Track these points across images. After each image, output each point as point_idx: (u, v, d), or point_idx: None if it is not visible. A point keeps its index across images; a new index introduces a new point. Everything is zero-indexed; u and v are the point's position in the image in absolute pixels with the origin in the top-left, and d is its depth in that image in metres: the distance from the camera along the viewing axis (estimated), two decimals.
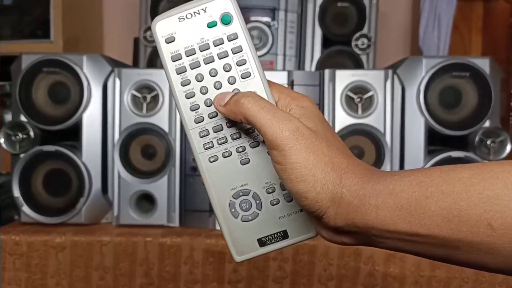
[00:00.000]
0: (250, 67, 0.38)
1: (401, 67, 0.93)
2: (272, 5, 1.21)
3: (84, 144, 0.93)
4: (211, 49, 0.37)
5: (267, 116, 0.34)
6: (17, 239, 0.87)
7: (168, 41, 0.37)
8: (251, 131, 0.38)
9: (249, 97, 0.35)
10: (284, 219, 0.38)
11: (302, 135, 0.34)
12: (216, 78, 0.37)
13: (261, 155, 0.38)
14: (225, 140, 0.38)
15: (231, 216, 0.38)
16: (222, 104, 0.36)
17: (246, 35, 0.38)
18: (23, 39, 1.37)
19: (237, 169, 0.38)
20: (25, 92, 0.92)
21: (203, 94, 0.37)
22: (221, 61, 0.37)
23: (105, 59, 0.95)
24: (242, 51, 0.37)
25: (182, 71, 0.37)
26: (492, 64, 0.91)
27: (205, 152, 0.38)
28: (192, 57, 0.37)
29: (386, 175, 0.33)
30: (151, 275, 0.87)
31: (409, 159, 0.92)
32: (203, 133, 0.38)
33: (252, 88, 0.37)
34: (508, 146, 0.90)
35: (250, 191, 0.38)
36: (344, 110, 0.91)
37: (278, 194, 0.38)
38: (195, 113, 0.38)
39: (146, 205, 0.94)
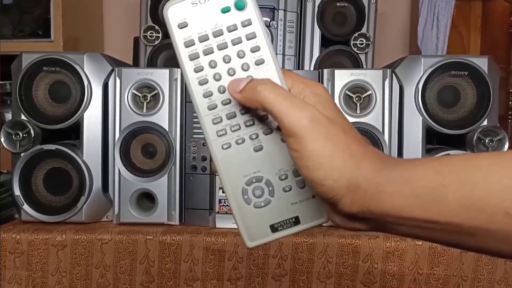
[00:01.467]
0: (264, 53, 0.37)
1: (399, 66, 0.94)
2: (272, 5, 1.21)
3: (84, 143, 0.93)
4: (224, 35, 0.37)
5: (284, 103, 0.34)
6: (17, 238, 0.87)
7: (181, 27, 0.37)
8: (264, 118, 0.37)
9: (266, 84, 0.35)
10: (296, 205, 0.38)
11: (320, 122, 0.34)
12: (230, 64, 0.37)
13: (274, 142, 0.38)
14: (238, 127, 0.37)
15: (244, 202, 0.38)
16: (238, 90, 0.36)
17: (260, 22, 0.37)
18: (23, 38, 1.38)
19: (250, 156, 0.38)
20: (25, 91, 0.92)
21: (217, 81, 0.37)
22: (234, 47, 0.37)
23: (106, 58, 0.95)
24: (256, 37, 0.37)
25: (195, 57, 0.37)
26: (491, 63, 0.91)
27: (218, 139, 0.38)
28: (205, 43, 0.37)
29: (402, 163, 0.34)
30: (151, 273, 0.87)
31: (407, 158, 0.92)
32: (216, 120, 0.37)
33: (266, 75, 0.37)
34: (506, 145, 0.91)
35: (263, 178, 0.38)
36: (343, 109, 0.92)
37: (290, 180, 0.38)
38: (208, 100, 0.37)
39: (146, 204, 0.95)
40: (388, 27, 1.68)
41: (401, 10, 1.78)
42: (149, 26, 1.21)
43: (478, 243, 0.31)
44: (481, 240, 0.30)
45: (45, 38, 1.38)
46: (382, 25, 1.49)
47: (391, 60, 1.03)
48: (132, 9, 1.56)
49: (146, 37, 1.22)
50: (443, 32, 1.56)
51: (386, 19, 1.63)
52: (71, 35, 1.42)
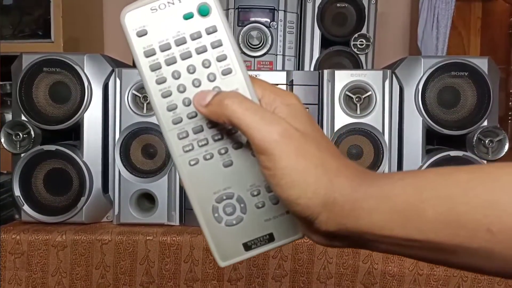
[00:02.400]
0: (231, 62, 0.35)
1: (399, 67, 0.94)
2: (272, 5, 1.22)
3: (84, 144, 0.93)
4: (188, 43, 0.34)
5: (254, 118, 0.32)
6: (17, 238, 0.87)
7: (140, 35, 0.34)
8: (233, 131, 0.35)
9: (234, 98, 0.33)
10: (269, 222, 0.36)
11: (291, 137, 0.32)
12: (195, 75, 0.34)
13: (244, 156, 0.35)
14: (206, 142, 0.35)
15: (214, 221, 0.36)
16: (203, 104, 0.34)
17: (227, 28, 0.34)
18: (23, 39, 1.38)
19: (220, 172, 0.35)
20: (25, 91, 0.92)
21: (181, 93, 0.34)
22: (199, 56, 0.34)
23: (106, 59, 0.95)
24: (222, 45, 0.34)
25: (156, 68, 0.34)
26: (491, 64, 0.91)
27: (185, 155, 0.35)
28: (167, 52, 0.34)
29: (379, 178, 0.32)
30: (151, 273, 0.87)
31: (407, 158, 0.92)
32: (182, 135, 0.35)
33: (234, 85, 0.35)
34: (506, 146, 0.91)
35: (234, 195, 0.36)
36: (343, 110, 0.92)
37: (263, 196, 0.36)
38: (172, 114, 0.35)
39: (146, 204, 0.95)
40: (388, 28, 1.69)
41: (401, 10, 1.79)
42: None
43: (460, 260, 0.29)
44: (463, 258, 0.29)
45: (45, 38, 1.38)
46: (382, 26, 1.49)
47: (391, 61, 1.03)
48: None
49: None
50: (443, 32, 1.56)
51: (386, 20, 1.64)
52: (71, 36, 1.42)
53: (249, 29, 1.20)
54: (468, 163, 0.90)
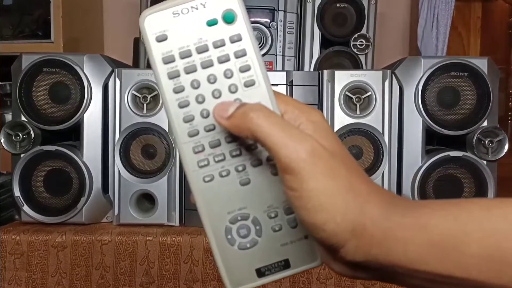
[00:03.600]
0: (255, 74, 0.32)
1: (399, 67, 0.94)
2: (271, 5, 1.22)
3: (84, 144, 0.93)
4: (210, 51, 0.32)
5: (281, 134, 0.29)
6: (17, 239, 0.87)
7: (160, 40, 0.32)
8: (253, 148, 0.33)
9: (259, 111, 0.30)
10: (286, 247, 0.34)
11: (321, 157, 0.29)
12: (215, 85, 0.32)
13: (263, 175, 0.33)
14: (223, 158, 0.33)
15: (226, 243, 0.33)
16: (225, 116, 0.31)
17: (252, 37, 0.32)
18: (23, 39, 1.38)
19: (236, 190, 0.33)
20: (25, 92, 0.92)
21: (199, 104, 0.32)
22: (221, 65, 0.32)
23: (106, 59, 0.95)
24: (246, 55, 0.32)
25: (175, 76, 0.32)
26: (491, 64, 0.91)
27: (199, 171, 0.33)
28: (187, 59, 0.32)
29: (414, 206, 0.30)
30: (151, 274, 0.87)
31: (407, 159, 0.92)
32: (198, 149, 0.33)
33: (256, 98, 0.32)
34: (506, 146, 0.91)
35: (250, 216, 0.33)
36: (343, 110, 0.92)
37: (281, 219, 0.33)
38: (189, 125, 0.32)
39: (146, 205, 0.95)
40: (388, 28, 1.69)
41: (401, 11, 1.79)
42: None
43: None
44: None
45: (45, 39, 1.38)
46: (382, 26, 1.49)
47: (391, 61, 1.03)
48: (132, 10, 1.56)
49: None
50: (443, 33, 1.56)
51: (386, 20, 1.64)
52: (71, 36, 1.42)
53: None
54: (468, 163, 0.90)
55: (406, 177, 0.92)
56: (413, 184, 0.91)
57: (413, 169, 0.91)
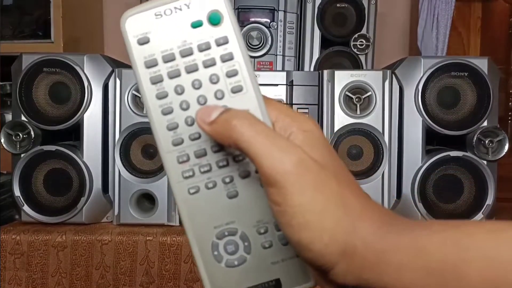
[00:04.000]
0: (243, 79, 0.30)
1: (399, 67, 0.94)
2: (271, 5, 1.22)
3: (84, 144, 0.93)
4: (194, 54, 0.30)
5: (265, 143, 0.27)
6: (17, 239, 0.87)
7: (141, 42, 0.30)
8: (241, 158, 0.31)
9: (243, 118, 0.28)
10: (277, 265, 0.31)
11: (308, 169, 0.27)
12: (200, 91, 0.30)
13: (252, 187, 0.31)
14: (209, 168, 0.31)
15: (213, 260, 0.31)
16: (207, 121, 0.29)
17: (239, 40, 0.30)
18: (23, 39, 1.38)
19: (223, 203, 0.31)
20: (25, 92, 0.92)
21: (184, 110, 0.30)
22: (206, 70, 0.30)
23: (106, 59, 0.95)
24: (233, 59, 0.30)
25: (157, 81, 0.30)
26: (491, 64, 0.91)
27: (184, 182, 0.31)
28: (170, 63, 0.30)
29: (411, 226, 0.27)
30: (151, 274, 0.87)
31: (407, 159, 0.92)
32: (182, 158, 0.31)
33: (244, 105, 0.30)
34: (506, 146, 0.91)
35: (238, 231, 0.31)
36: (343, 110, 0.92)
37: (271, 235, 0.31)
38: (172, 133, 0.30)
39: (146, 205, 0.95)
40: (388, 28, 1.69)
41: (401, 11, 1.79)
42: None
43: None
44: None
45: (45, 39, 1.37)
46: (382, 26, 1.49)
47: (391, 61, 1.03)
48: None
49: None
50: (443, 33, 1.56)
51: (386, 20, 1.64)
52: (71, 36, 1.42)
53: (249, 30, 1.20)
54: (468, 163, 0.90)
55: (406, 177, 0.92)
56: (413, 184, 0.91)
57: (413, 169, 0.91)
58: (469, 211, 0.91)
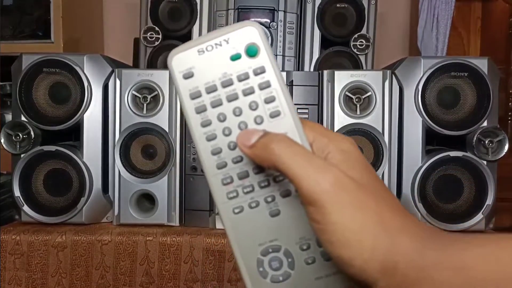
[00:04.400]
0: (280, 104, 0.33)
1: (399, 68, 0.94)
2: (271, 6, 1.21)
3: (84, 144, 0.93)
4: (234, 84, 0.33)
5: (302, 164, 0.28)
6: (17, 239, 0.87)
7: (186, 77, 0.33)
8: (281, 178, 0.33)
9: (281, 142, 0.30)
10: (321, 281, 0.32)
11: (345, 188, 0.28)
12: (241, 117, 0.33)
13: (293, 206, 0.33)
14: (251, 189, 0.33)
15: (259, 276, 0.33)
16: (248, 145, 0.31)
17: (275, 68, 0.33)
18: (23, 39, 1.38)
19: (266, 221, 0.33)
20: (25, 92, 0.92)
21: (226, 136, 0.33)
22: (246, 98, 0.33)
23: (106, 60, 0.95)
24: (270, 86, 0.33)
25: (202, 110, 0.33)
26: (491, 64, 0.91)
27: (229, 202, 0.33)
28: (213, 94, 0.33)
29: (452, 240, 0.27)
30: (151, 274, 0.87)
31: (407, 159, 0.92)
32: (226, 181, 0.33)
33: (283, 128, 0.32)
34: (506, 146, 0.91)
35: (281, 248, 0.33)
36: (343, 110, 0.92)
37: (314, 251, 0.32)
38: (217, 158, 0.33)
39: (146, 205, 0.95)
40: (388, 28, 1.69)
41: (401, 11, 1.79)
42: (149, 27, 1.21)
43: None
44: None
45: (45, 39, 1.38)
46: (382, 26, 1.49)
47: (391, 61, 1.03)
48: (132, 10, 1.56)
49: (146, 38, 1.22)
50: (443, 33, 1.56)
51: (386, 20, 1.64)
52: (71, 36, 1.42)
53: None
54: (468, 164, 0.90)
55: (406, 177, 0.92)
56: (413, 184, 0.91)
57: (413, 169, 0.91)
58: (469, 211, 0.91)
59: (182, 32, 1.21)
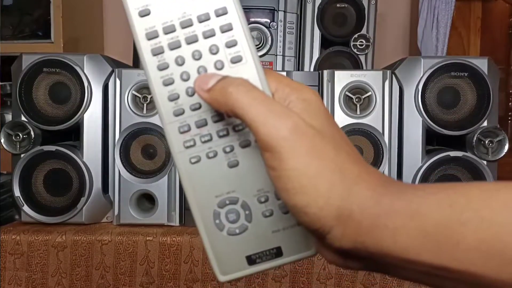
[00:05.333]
0: (242, 49, 0.31)
1: (399, 67, 0.94)
2: (271, 6, 1.21)
3: (84, 144, 0.93)
4: (194, 25, 0.31)
5: (261, 109, 0.28)
6: (17, 239, 0.87)
7: (142, 15, 0.31)
8: (241, 127, 0.31)
9: (239, 86, 0.29)
10: (278, 234, 0.32)
11: (304, 134, 0.27)
12: (200, 61, 0.31)
13: (252, 157, 0.31)
14: (209, 138, 0.31)
15: (215, 228, 0.32)
16: (205, 88, 0.30)
17: (239, 10, 0.31)
18: (23, 39, 1.38)
19: (224, 172, 0.31)
20: (25, 92, 0.92)
21: (184, 81, 0.31)
22: (206, 41, 0.31)
23: (106, 60, 0.95)
24: (232, 29, 0.31)
25: (158, 52, 0.31)
26: (491, 64, 0.91)
27: (185, 152, 0.31)
28: (171, 35, 0.31)
29: (406, 188, 0.27)
30: (151, 274, 0.87)
31: (407, 159, 0.92)
32: (183, 129, 0.31)
33: (244, 75, 0.31)
34: (506, 146, 0.91)
35: (239, 200, 0.32)
36: (343, 110, 0.92)
37: (272, 203, 0.32)
38: (174, 104, 0.31)
39: (146, 205, 0.95)
40: (388, 28, 1.69)
41: (401, 11, 1.79)
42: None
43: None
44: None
45: (45, 39, 1.38)
46: (382, 26, 1.49)
47: (391, 61, 1.03)
48: None
49: None
50: (443, 33, 1.56)
51: (386, 20, 1.64)
52: (71, 36, 1.42)
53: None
54: (468, 164, 0.90)
55: (406, 177, 0.92)
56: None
57: (413, 169, 0.91)
58: None
59: None
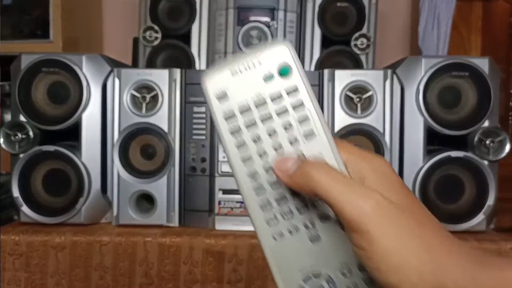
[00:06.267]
0: (314, 124, 0.33)
1: (400, 67, 0.93)
2: (272, 5, 1.21)
3: (83, 144, 0.93)
4: (268, 104, 0.33)
5: (343, 190, 0.29)
6: (16, 239, 0.87)
7: (220, 98, 0.33)
8: (320, 202, 0.32)
9: (320, 169, 0.30)
10: None
11: (387, 212, 0.28)
12: (275, 138, 0.33)
13: (333, 230, 0.32)
14: (291, 214, 0.33)
15: None
16: (286, 173, 0.31)
17: (308, 87, 0.33)
18: (22, 39, 1.38)
19: (306, 247, 0.32)
20: (24, 92, 0.92)
21: (261, 158, 0.33)
22: (280, 118, 0.33)
23: (105, 59, 0.95)
24: (303, 105, 0.33)
25: (236, 130, 0.33)
26: (491, 64, 0.91)
27: (268, 229, 0.33)
28: (246, 114, 0.33)
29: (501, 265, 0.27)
30: (150, 275, 0.87)
31: (408, 159, 0.92)
32: (265, 206, 0.33)
33: (317, 149, 0.33)
34: (507, 146, 0.90)
35: (322, 274, 0.32)
36: (344, 110, 0.91)
37: (356, 276, 0.32)
38: (253, 180, 0.33)
39: (145, 205, 0.95)
40: (388, 28, 1.68)
41: (401, 10, 1.78)
42: (148, 26, 1.21)
43: None
44: None
45: (44, 39, 1.37)
46: (383, 26, 1.48)
47: (392, 61, 1.03)
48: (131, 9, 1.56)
49: (145, 37, 1.21)
50: (443, 32, 1.56)
51: (387, 20, 1.63)
52: (70, 36, 1.42)
53: (249, 29, 1.19)
54: (469, 164, 0.89)
55: (407, 177, 0.91)
56: (414, 185, 0.90)
57: (414, 169, 0.91)
58: (470, 211, 0.90)
59: (181, 31, 1.21)
